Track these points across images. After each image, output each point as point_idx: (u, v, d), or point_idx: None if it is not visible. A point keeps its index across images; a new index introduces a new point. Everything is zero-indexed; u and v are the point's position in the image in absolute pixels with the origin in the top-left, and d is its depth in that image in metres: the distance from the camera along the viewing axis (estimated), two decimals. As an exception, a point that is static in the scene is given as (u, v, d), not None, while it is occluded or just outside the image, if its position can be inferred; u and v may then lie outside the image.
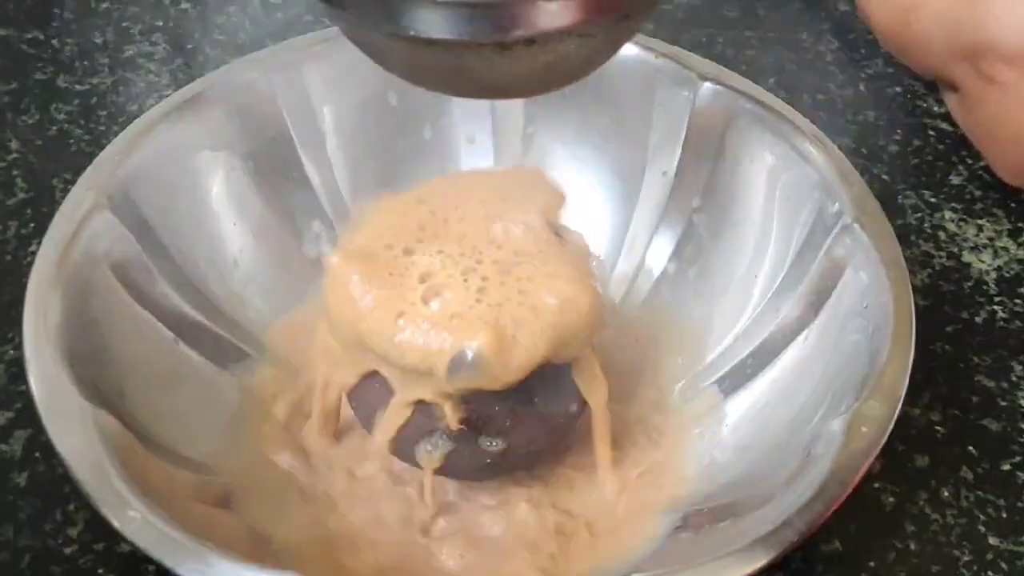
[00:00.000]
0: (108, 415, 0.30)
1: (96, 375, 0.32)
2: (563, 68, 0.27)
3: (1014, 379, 0.40)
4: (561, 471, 0.36)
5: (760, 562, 0.28)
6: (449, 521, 0.35)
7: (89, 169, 0.36)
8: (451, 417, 0.32)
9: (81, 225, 0.34)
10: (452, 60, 0.26)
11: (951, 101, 0.44)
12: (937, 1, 0.40)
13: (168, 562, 0.27)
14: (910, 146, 0.49)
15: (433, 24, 0.25)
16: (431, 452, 0.33)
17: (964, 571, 0.35)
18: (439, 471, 0.34)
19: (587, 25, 0.25)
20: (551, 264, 0.32)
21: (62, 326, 0.32)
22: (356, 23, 0.27)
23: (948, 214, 0.46)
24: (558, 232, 0.34)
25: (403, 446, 0.33)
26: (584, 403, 0.35)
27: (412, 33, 0.25)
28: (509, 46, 0.25)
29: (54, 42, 0.52)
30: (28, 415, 0.37)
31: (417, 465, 0.33)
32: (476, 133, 0.42)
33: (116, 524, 0.28)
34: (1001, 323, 0.42)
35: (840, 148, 0.38)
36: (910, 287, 0.34)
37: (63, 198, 0.36)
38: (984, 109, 0.41)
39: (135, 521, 0.28)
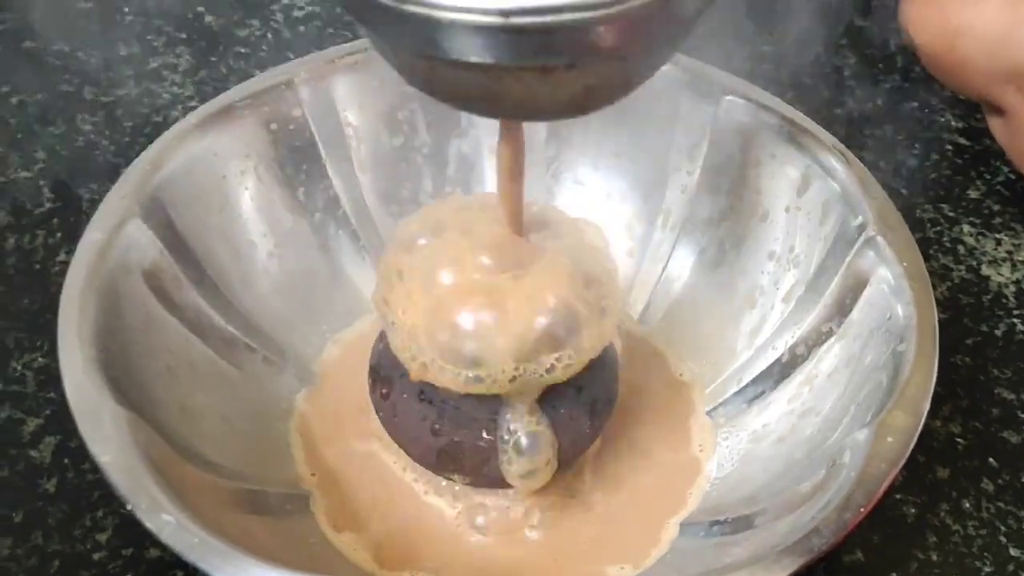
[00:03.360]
0: (141, 420, 0.31)
1: (128, 381, 0.32)
2: (601, 91, 0.27)
3: (1034, 392, 0.40)
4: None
5: (786, 571, 0.28)
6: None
7: (121, 178, 0.37)
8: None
9: (113, 234, 0.35)
10: (490, 84, 0.26)
11: (995, 124, 0.44)
12: (983, 25, 0.40)
13: (203, 566, 0.27)
14: (928, 160, 0.49)
15: (474, 48, 0.24)
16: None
17: (986, 582, 0.35)
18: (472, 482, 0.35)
19: (629, 49, 0.25)
20: None
21: (95, 333, 0.32)
22: (395, 46, 0.27)
23: (966, 228, 0.46)
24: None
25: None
26: (600, 424, 0.35)
27: (452, 57, 0.25)
28: (550, 70, 0.25)
29: (80, 54, 0.53)
30: (57, 421, 0.37)
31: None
32: (500, 146, 0.42)
33: (151, 527, 0.28)
34: (1021, 336, 0.42)
35: (858, 162, 0.39)
36: (933, 299, 0.34)
37: (89, 208, 0.36)
38: None
39: (169, 525, 0.28)
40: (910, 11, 0.43)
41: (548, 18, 0.24)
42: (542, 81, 0.26)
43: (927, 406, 0.32)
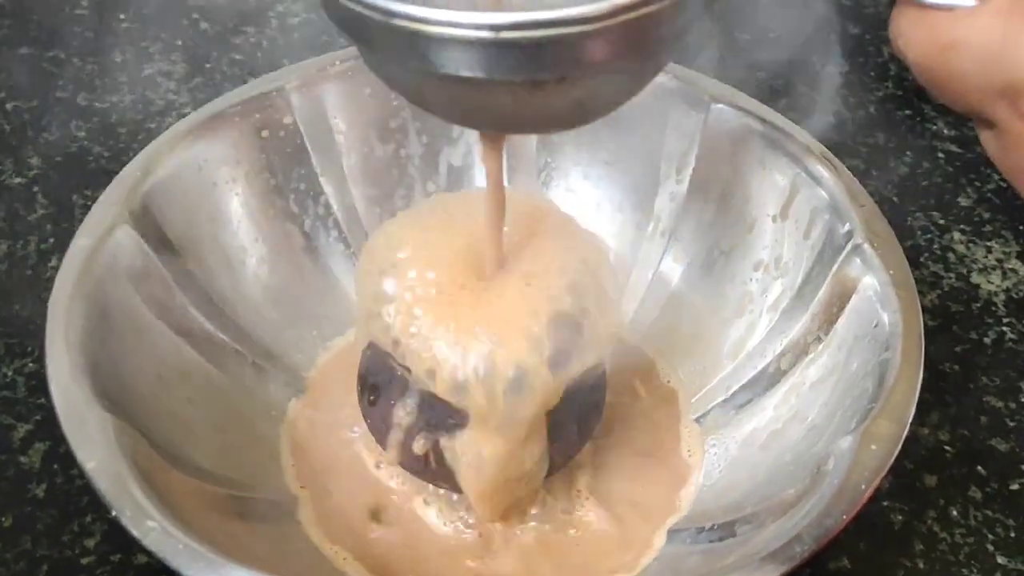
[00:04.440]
0: (128, 426, 0.31)
1: (116, 388, 0.32)
2: (592, 104, 0.28)
3: (1023, 400, 0.40)
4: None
5: (770, 577, 0.28)
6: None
7: (111, 185, 0.37)
8: None
9: (103, 240, 0.35)
10: (481, 97, 0.26)
11: (986, 138, 0.44)
12: (975, 39, 0.40)
13: (187, 572, 0.27)
14: (919, 168, 0.49)
15: (465, 63, 0.24)
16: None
17: (972, 590, 0.35)
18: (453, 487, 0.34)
19: (619, 62, 0.26)
20: None
21: (82, 339, 0.33)
22: (386, 61, 0.27)
23: (957, 236, 0.46)
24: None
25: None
26: (588, 431, 0.35)
27: (443, 72, 0.25)
28: (540, 84, 0.25)
29: (75, 60, 0.53)
30: (47, 427, 0.37)
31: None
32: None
33: (135, 533, 0.28)
34: (1010, 344, 0.42)
35: (850, 170, 0.39)
36: (920, 307, 0.34)
37: (83, 214, 0.36)
38: (1021, 148, 0.41)
39: (154, 531, 0.28)
40: (901, 24, 0.43)
41: (538, 32, 0.24)
42: (533, 95, 0.26)
43: (912, 414, 0.32)
